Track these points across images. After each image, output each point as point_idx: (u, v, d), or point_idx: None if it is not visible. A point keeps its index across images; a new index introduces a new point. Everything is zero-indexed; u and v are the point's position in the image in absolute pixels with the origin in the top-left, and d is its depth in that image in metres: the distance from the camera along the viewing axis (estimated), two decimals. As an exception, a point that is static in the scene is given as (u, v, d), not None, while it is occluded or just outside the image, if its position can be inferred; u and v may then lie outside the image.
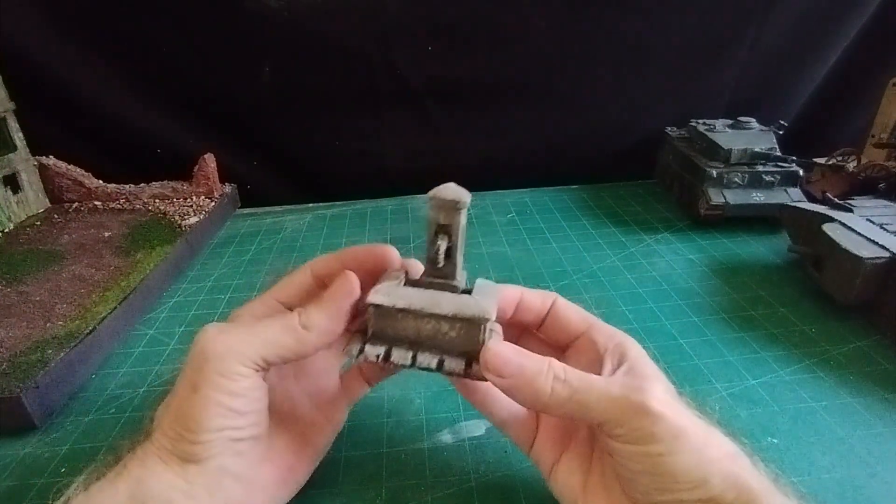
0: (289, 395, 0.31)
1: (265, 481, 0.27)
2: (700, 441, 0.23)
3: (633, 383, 0.24)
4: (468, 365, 0.27)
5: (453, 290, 0.28)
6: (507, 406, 0.30)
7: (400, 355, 0.27)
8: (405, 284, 0.28)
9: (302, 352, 0.27)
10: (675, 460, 0.23)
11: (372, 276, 0.28)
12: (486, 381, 0.26)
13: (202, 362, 0.25)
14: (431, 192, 0.26)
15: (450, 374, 0.27)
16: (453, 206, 0.26)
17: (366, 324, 0.28)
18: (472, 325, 0.26)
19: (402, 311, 0.27)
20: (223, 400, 0.25)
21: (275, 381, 0.29)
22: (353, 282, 0.28)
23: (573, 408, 0.24)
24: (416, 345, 0.27)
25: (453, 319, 0.26)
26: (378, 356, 0.27)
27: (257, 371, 0.26)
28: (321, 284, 0.30)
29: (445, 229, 0.27)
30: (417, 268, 0.29)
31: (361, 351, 0.27)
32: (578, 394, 0.24)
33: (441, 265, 0.27)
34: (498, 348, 0.26)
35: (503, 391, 0.26)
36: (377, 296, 0.27)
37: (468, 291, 0.28)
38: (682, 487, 0.22)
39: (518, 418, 0.30)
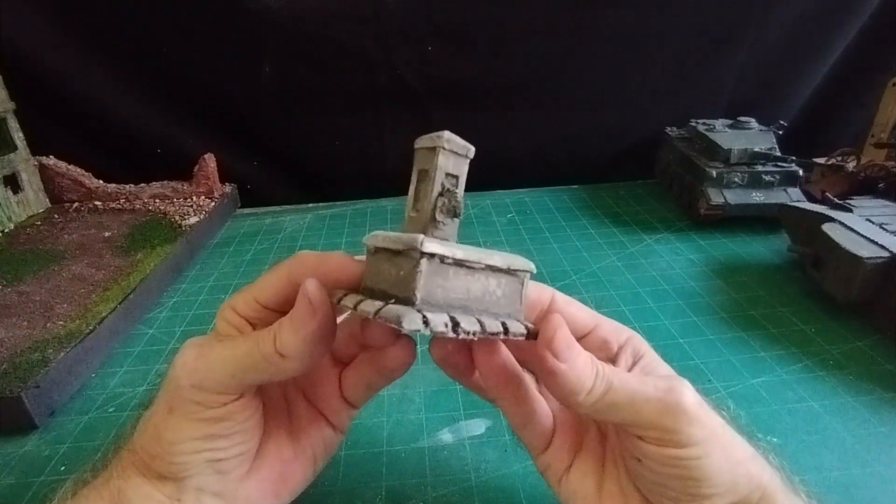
0: (283, 394, 0.28)
1: (251, 495, 0.25)
2: (727, 442, 0.22)
3: (663, 384, 0.22)
4: (523, 326, 0.23)
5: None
6: (529, 407, 0.27)
7: (468, 322, 0.20)
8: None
9: (287, 377, 0.24)
10: (710, 463, 0.21)
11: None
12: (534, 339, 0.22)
13: (176, 388, 0.23)
14: (445, 137, 0.22)
15: (515, 336, 0.22)
16: (465, 153, 0.23)
17: (366, 289, 0.23)
18: (516, 282, 0.23)
19: (458, 263, 0.21)
20: (200, 426, 0.23)
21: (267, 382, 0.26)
22: (320, 304, 0.22)
23: (601, 407, 0.22)
24: (465, 310, 0.22)
25: (502, 274, 0.22)
26: (447, 325, 0.20)
27: (238, 398, 0.23)
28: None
29: (454, 181, 0.23)
30: None
31: (426, 323, 0.20)
32: (611, 393, 0.22)
33: (459, 216, 0.23)
34: (563, 330, 0.22)
35: (548, 373, 0.22)
36: (433, 244, 0.20)
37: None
38: (715, 492, 0.22)
39: (537, 419, 0.27)
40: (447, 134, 0.22)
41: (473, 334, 0.21)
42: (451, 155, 0.23)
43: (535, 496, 0.31)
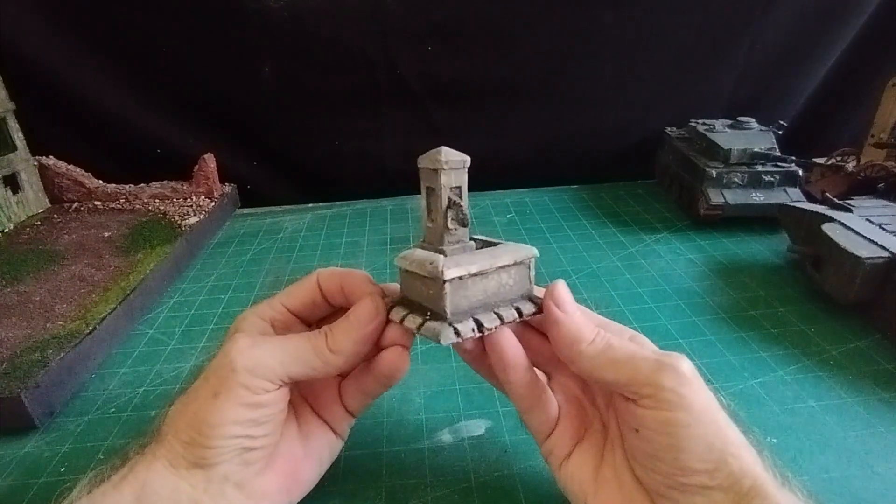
0: (291, 401, 0.30)
1: (267, 489, 0.27)
2: (721, 420, 0.23)
3: (662, 352, 0.25)
4: (533, 304, 0.27)
5: (471, 249, 0.28)
6: (536, 393, 0.29)
7: (489, 320, 0.26)
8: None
9: (328, 374, 0.27)
10: (699, 433, 0.22)
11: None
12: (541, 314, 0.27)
13: (229, 372, 0.25)
14: (443, 159, 0.26)
15: (530, 315, 0.27)
16: (462, 166, 0.27)
17: (406, 300, 0.28)
18: (523, 267, 0.27)
19: (473, 275, 0.26)
20: (243, 411, 0.25)
21: None
22: (381, 310, 0.28)
23: (602, 362, 0.25)
24: (486, 306, 0.27)
25: (511, 267, 0.27)
26: (473, 330, 0.26)
27: (281, 387, 0.26)
28: (323, 298, 0.30)
29: (458, 191, 0.27)
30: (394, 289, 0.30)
31: (458, 333, 0.25)
32: (612, 350, 0.25)
33: (467, 225, 0.27)
34: (564, 287, 0.27)
35: (552, 323, 0.26)
36: (451, 270, 0.25)
37: (489, 244, 0.29)
38: (703, 468, 0.22)
39: (542, 405, 0.29)
40: (445, 153, 0.26)
41: (494, 328, 0.26)
42: (452, 171, 0.26)
43: (534, 496, 0.31)
